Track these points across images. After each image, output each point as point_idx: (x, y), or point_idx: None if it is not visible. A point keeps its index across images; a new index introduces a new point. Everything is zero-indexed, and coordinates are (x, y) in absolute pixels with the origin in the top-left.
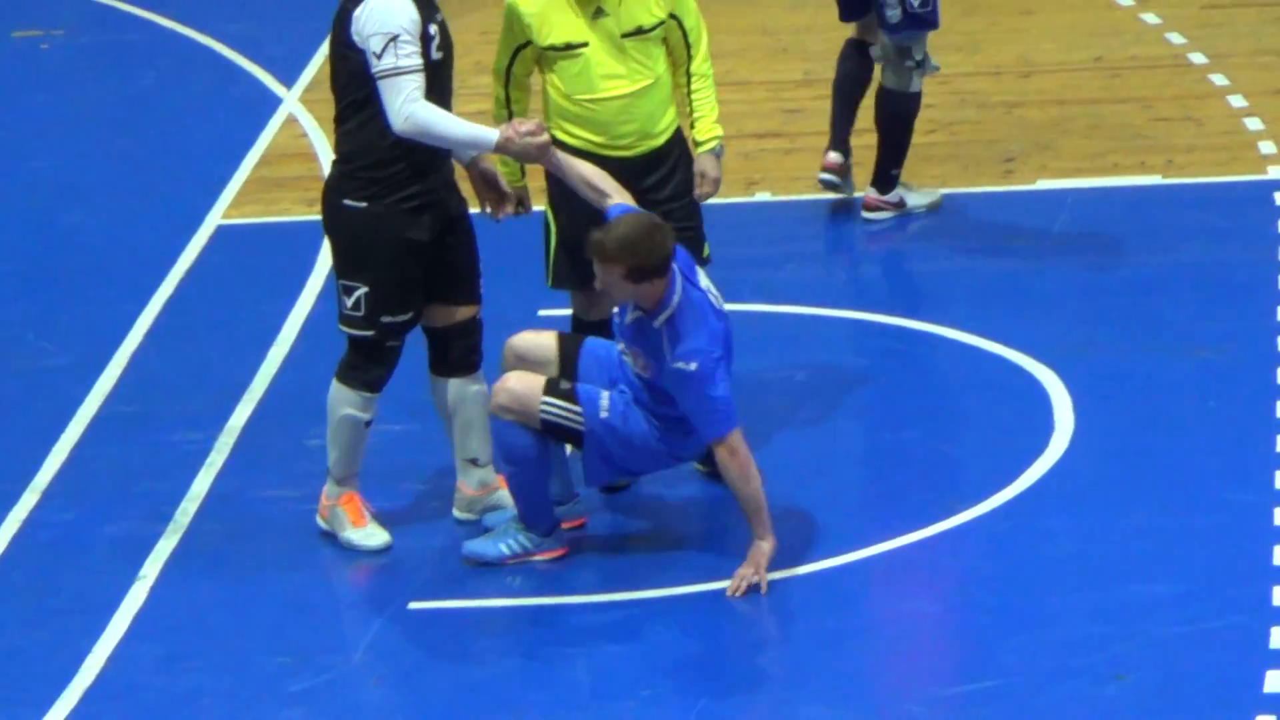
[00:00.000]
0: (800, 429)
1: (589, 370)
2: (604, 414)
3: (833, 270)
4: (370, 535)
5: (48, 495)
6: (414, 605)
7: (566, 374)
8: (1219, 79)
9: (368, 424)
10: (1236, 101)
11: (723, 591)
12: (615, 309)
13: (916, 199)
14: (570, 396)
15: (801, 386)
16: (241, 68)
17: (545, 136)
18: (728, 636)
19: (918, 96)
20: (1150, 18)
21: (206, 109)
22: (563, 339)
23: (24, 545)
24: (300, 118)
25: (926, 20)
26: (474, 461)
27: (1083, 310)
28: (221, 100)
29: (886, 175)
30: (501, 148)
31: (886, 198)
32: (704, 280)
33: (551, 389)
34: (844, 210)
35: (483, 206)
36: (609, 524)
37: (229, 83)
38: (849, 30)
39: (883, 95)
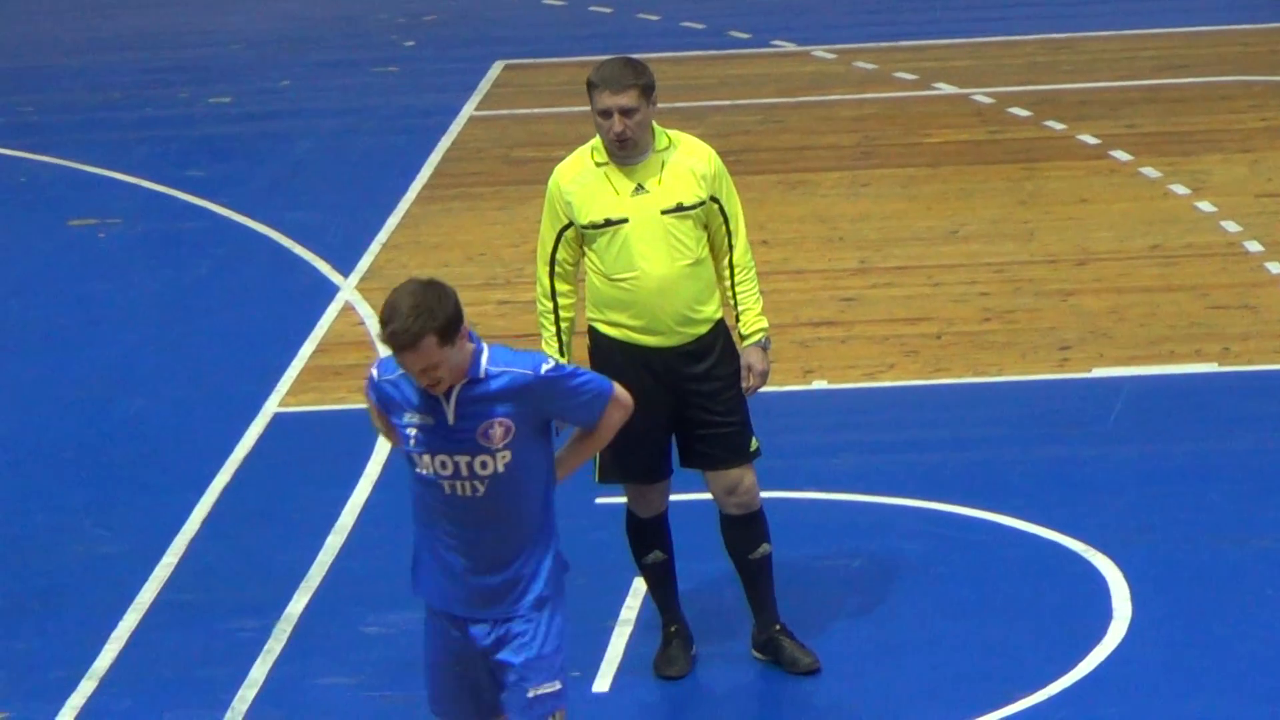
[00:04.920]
0: (855, 618)
1: None
2: None
3: (887, 458)
4: None
5: (105, 683)
6: None
7: None
8: (1275, 267)
9: None
10: None
11: None
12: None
13: None
14: None
15: (857, 575)
16: (298, 256)
17: None
18: None
19: None
20: (1205, 206)
21: (263, 297)
22: None
23: None
24: (357, 306)
25: None
26: None
27: (1140, 497)
28: (278, 288)
29: None
30: None
31: None
32: None
33: None
34: (897, 399)
35: None
36: None
37: (285, 271)
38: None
39: None
